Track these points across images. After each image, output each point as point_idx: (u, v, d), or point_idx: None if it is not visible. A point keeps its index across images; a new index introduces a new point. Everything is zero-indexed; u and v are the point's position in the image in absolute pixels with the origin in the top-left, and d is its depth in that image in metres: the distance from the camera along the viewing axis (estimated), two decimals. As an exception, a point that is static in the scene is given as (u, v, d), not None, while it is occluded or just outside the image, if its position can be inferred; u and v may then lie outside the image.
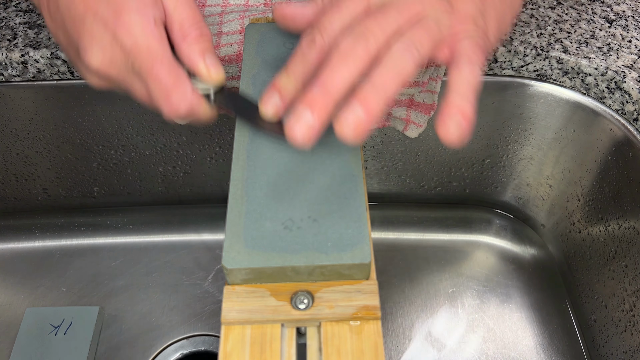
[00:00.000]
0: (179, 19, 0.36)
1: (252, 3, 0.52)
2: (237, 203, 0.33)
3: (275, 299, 0.31)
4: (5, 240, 0.67)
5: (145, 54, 0.34)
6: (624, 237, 0.52)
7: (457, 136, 0.31)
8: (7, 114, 0.56)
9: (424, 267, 0.64)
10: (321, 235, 0.31)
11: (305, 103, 0.31)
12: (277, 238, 0.31)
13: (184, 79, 0.35)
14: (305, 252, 0.30)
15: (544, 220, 0.65)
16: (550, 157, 0.59)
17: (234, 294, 0.31)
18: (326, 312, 0.30)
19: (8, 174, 0.63)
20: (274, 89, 0.34)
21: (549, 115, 0.55)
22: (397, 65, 0.31)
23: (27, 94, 0.54)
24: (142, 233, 0.67)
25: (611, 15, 0.54)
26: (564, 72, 0.51)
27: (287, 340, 0.31)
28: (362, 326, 0.30)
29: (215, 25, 0.50)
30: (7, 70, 0.52)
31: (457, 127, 0.31)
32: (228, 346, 0.30)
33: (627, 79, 0.49)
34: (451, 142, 0.31)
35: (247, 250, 0.31)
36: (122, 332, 0.59)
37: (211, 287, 0.63)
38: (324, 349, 0.29)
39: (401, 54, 0.31)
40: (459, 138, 0.31)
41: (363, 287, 0.31)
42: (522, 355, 0.58)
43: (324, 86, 0.31)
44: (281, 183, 0.34)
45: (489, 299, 0.62)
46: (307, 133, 0.31)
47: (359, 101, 0.30)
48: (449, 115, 0.31)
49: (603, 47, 0.51)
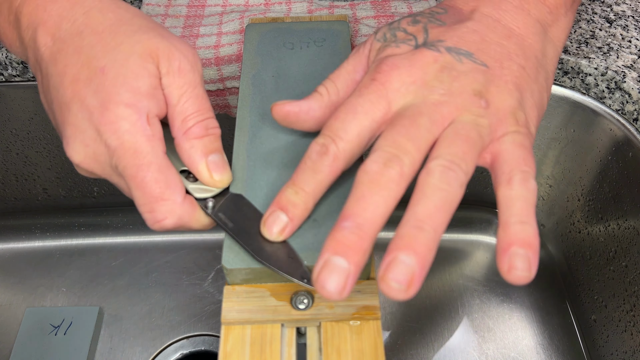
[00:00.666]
0: (183, 111, 0.31)
1: (252, 3, 0.52)
2: (237, 203, 0.33)
3: (275, 299, 0.31)
4: (5, 240, 0.67)
5: (130, 156, 0.30)
6: (624, 237, 0.52)
7: (526, 274, 0.25)
8: (7, 114, 0.56)
9: (424, 267, 0.64)
10: (321, 235, 0.31)
11: (336, 247, 0.25)
12: (277, 238, 0.31)
13: (174, 188, 0.30)
14: (305, 252, 0.30)
15: (544, 220, 0.65)
16: (550, 157, 0.59)
17: (234, 294, 0.31)
18: (326, 312, 0.30)
19: (8, 174, 0.63)
20: (279, 206, 0.29)
21: (548, 115, 0.55)
22: (442, 191, 0.26)
23: (27, 94, 0.54)
24: (142, 233, 0.67)
25: (611, 15, 0.54)
26: (564, 72, 0.51)
27: (287, 340, 0.31)
28: (362, 326, 0.30)
29: (215, 25, 0.50)
30: (7, 70, 0.52)
31: (524, 262, 0.25)
32: (228, 346, 0.30)
33: (627, 79, 0.49)
34: (519, 282, 0.25)
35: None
36: (122, 332, 0.59)
37: (211, 287, 0.62)
38: (324, 349, 0.29)
39: (444, 177, 0.26)
40: (529, 275, 0.25)
41: (363, 287, 0.31)
42: (522, 355, 0.58)
43: (356, 221, 0.25)
44: (281, 183, 0.34)
45: (489, 299, 0.62)
46: (342, 284, 0.25)
47: (406, 249, 0.24)
48: (511, 251, 0.25)
49: (603, 47, 0.51)
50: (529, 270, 0.25)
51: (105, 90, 0.30)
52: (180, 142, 0.31)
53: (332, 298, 0.25)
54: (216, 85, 0.51)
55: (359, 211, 0.25)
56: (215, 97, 0.53)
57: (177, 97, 0.31)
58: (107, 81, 0.30)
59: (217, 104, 0.53)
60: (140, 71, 0.31)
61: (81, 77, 0.31)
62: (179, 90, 0.32)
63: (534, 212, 0.26)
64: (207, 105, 0.32)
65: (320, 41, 0.42)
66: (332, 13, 0.52)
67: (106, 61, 0.31)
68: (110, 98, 0.30)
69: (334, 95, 0.33)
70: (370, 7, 0.53)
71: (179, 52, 0.32)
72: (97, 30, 0.32)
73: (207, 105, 0.32)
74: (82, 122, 0.30)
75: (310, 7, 0.52)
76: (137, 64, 0.31)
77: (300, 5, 0.53)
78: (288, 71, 0.40)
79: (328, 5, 0.53)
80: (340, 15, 0.46)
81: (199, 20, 0.52)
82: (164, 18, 0.52)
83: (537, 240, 0.26)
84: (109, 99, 0.30)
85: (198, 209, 0.32)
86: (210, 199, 0.32)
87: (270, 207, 0.30)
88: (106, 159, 0.31)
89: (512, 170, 0.27)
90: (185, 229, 0.32)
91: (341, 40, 0.42)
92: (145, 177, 0.30)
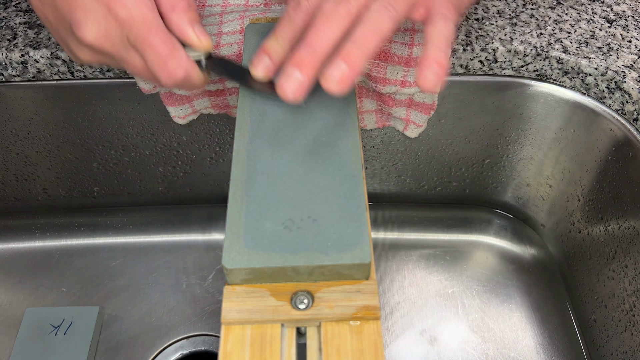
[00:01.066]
0: None
1: (252, 3, 0.52)
2: (237, 203, 0.33)
3: (275, 299, 0.31)
4: (5, 240, 0.67)
5: (140, 24, 0.35)
6: (624, 237, 0.52)
7: (434, 83, 0.34)
8: (7, 114, 0.56)
9: (424, 267, 0.64)
10: (321, 235, 0.31)
11: (294, 63, 0.34)
12: (277, 238, 0.31)
13: (179, 47, 0.37)
14: (305, 252, 0.30)
15: (544, 220, 0.65)
16: (550, 157, 0.59)
17: (234, 294, 0.31)
18: (326, 312, 0.30)
19: (8, 174, 0.63)
20: (264, 52, 0.37)
21: (548, 115, 0.55)
22: (376, 22, 0.34)
23: (27, 94, 0.54)
24: (142, 233, 0.67)
25: (611, 15, 0.54)
26: (564, 72, 0.51)
27: (287, 340, 0.31)
28: (362, 326, 0.30)
29: (215, 25, 0.50)
30: (7, 70, 0.52)
31: (434, 75, 0.34)
32: (228, 346, 0.30)
33: (627, 79, 0.49)
34: (429, 89, 0.34)
35: (247, 250, 0.31)
36: (122, 332, 0.59)
37: (211, 287, 0.62)
38: (324, 349, 0.29)
39: (379, 13, 0.34)
40: (436, 85, 0.34)
41: (363, 287, 0.31)
42: (522, 355, 0.58)
43: (311, 46, 0.34)
44: (281, 183, 0.34)
45: (489, 299, 0.62)
46: (297, 90, 0.34)
47: (342, 57, 0.33)
48: (426, 65, 0.34)
49: (603, 47, 0.51)
50: (435, 81, 0.34)
51: None
52: (169, 16, 0.37)
53: (289, 99, 0.34)
54: (216, 86, 0.51)
55: (314, 40, 0.34)
56: (215, 97, 0.53)
57: None
58: None
59: (217, 104, 0.53)
60: None
61: None
62: None
63: (449, 47, 0.35)
64: None
65: (320, 41, 0.42)
66: (332, 13, 0.52)
67: None
68: None
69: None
70: (370, 7, 0.53)
71: None
72: None
73: None
74: (91, 4, 0.35)
75: (310, 7, 0.52)
76: None
77: (300, 5, 0.52)
78: (288, 71, 0.40)
79: (328, 5, 0.53)
80: (340, 15, 0.46)
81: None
82: (164, 18, 0.52)
83: (447, 63, 0.34)
84: None
85: (196, 66, 0.38)
86: (203, 58, 0.39)
87: (257, 54, 0.37)
88: (117, 33, 0.36)
89: (438, 15, 0.35)
90: (188, 84, 0.39)
91: (341, 40, 0.42)
92: (156, 39, 0.36)
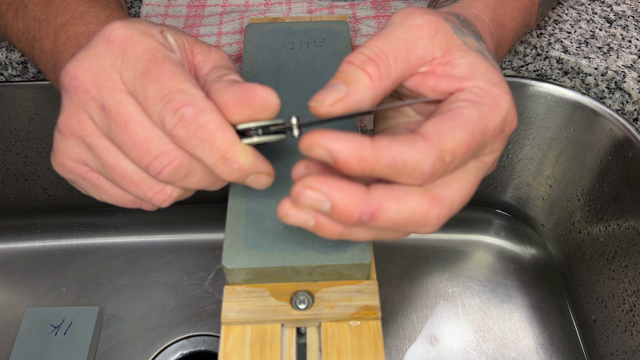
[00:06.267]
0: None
1: (252, 3, 0.52)
2: (237, 203, 0.33)
3: (275, 299, 0.31)
4: (5, 240, 0.67)
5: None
6: (624, 237, 0.52)
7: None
8: (7, 114, 0.56)
9: (424, 267, 0.64)
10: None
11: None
12: (277, 238, 0.31)
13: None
14: (305, 252, 0.30)
15: (544, 220, 0.65)
16: (550, 157, 0.59)
17: (234, 294, 0.31)
18: (326, 312, 0.30)
19: (8, 174, 0.63)
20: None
21: (548, 115, 0.55)
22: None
23: (27, 94, 0.54)
24: (142, 233, 0.67)
25: (611, 15, 0.54)
26: (564, 72, 0.51)
27: (287, 340, 0.31)
28: (362, 326, 0.30)
29: (215, 25, 0.50)
30: (7, 70, 0.52)
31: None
32: (228, 346, 0.30)
33: (627, 79, 0.49)
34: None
35: (247, 250, 0.31)
36: (122, 332, 0.59)
37: (211, 287, 0.62)
38: (324, 349, 0.29)
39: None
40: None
41: (363, 287, 0.31)
42: (522, 355, 0.58)
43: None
44: (281, 184, 0.34)
45: (489, 299, 0.62)
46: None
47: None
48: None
49: (603, 47, 0.51)
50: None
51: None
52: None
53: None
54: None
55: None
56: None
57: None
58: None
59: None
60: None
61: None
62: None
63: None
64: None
65: (320, 41, 0.42)
66: (332, 13, 0.52)
67: None
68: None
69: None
70: (370, 7, 0.53)
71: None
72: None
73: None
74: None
75: (310, 7, 0.52)
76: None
77: (300, 5, 0.53)
78: (288, 71, 0.40)
79: (328, 5, 0.53)
80: (340, 15, 0.46)
81: (199, 20, 0.52)
82: (164, 18, 0.52)
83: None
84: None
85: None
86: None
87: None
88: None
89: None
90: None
91: (341, 40, 0.42)
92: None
